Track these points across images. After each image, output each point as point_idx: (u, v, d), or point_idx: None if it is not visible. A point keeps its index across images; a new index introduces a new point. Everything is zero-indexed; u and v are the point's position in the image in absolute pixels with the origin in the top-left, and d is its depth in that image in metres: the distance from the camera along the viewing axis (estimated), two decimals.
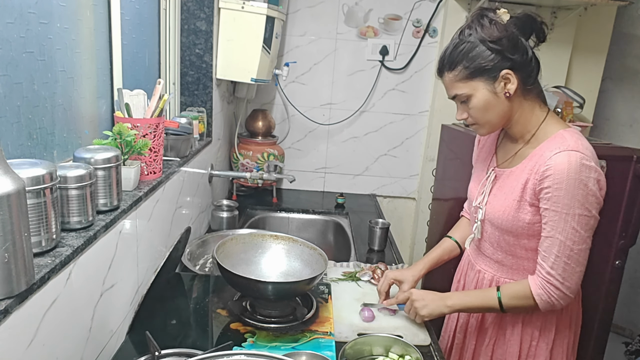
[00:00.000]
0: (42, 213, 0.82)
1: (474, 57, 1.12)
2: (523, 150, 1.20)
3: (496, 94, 1.13)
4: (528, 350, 1.26)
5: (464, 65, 1.13)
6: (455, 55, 1.14)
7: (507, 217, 1.17)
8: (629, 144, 2.29)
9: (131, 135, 1.21)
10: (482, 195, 1.26)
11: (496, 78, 1.12)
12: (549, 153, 1.10)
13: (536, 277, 1.14)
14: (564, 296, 1.12)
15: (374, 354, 1.16)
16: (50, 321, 0.84)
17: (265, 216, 2.42)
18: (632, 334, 2.84)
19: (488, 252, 1.28)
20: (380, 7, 2.58)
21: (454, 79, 1.15)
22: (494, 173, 1.26)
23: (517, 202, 1.16)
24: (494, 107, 1.15)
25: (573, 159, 1.06)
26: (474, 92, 1.14)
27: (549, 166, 1.08)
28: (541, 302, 1.13)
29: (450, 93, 1.19)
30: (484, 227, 1.26)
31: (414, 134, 2.77)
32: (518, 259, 1.22)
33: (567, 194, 1.06)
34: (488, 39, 1.10)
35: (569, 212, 1.07)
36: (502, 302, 1.18)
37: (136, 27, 1.58)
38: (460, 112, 1.21)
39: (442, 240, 1.51)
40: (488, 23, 1.12)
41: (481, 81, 1.13)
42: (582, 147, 1.08)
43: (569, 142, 1.09)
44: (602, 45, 2.60)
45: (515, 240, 1.20)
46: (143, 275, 1.32)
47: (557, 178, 1.06)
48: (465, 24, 1.15)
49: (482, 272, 1.31)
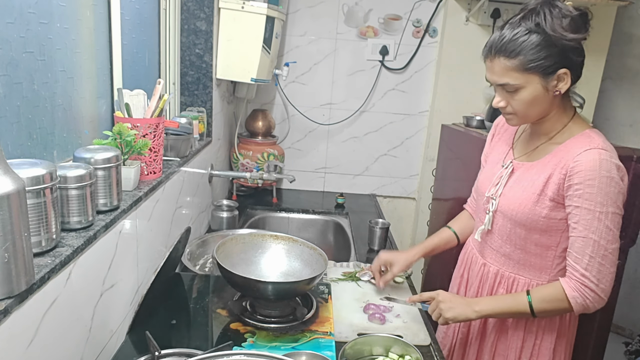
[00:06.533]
0: (42, 213, 0.82)
1: (540, 51, 1.05)
2: (545, 146, 1.19)
3: (547, 90, 1.10)
4: (532, 347, 1.25)
5: (527, 57, 1.06)
6: (519, 43, 1.06)
7: (524, 210, 1.16)
8: (629, 144, 2.29)
9: (131, 135, 1.21)
10: (497, 186, 1.24)
11: (552, 75, 1.08)
12: (577, 149, 1.08)
13: (569, 280, 1.11)
14: (598, 299, 1.09)
15: (374, 354, 1.16)
16: (50, 321, 0.84)
17: (265, 216, 2.42)
18: (632, 334, 2.84)
19: (496, 245, 1.27)
20: (380, 7, 2.58)
21: (509, 67, 1.08)
22: (511, 165, 1.23)
23: (537, 196, 1.14)
24: (540, 102, 1.11)
25: (604, 157, 1.05)
26: (527, 85, 1.09)
27: (578, 162, 1.07)
28: (576, 305, 1.10)
29: (500, 80, 1.11)
30: (495, 219, 1.24)
31: (414, 134, 2.77)
32: (526, 254, 1.21)
33: (600, 191, 1.05)
34: (560, 35, 1.04)
35: (603, 210, 1.05)
36: (532, 306, 1.14)
37: (136, 27, 1.58)
38: (499, 99, 1.15)
39: (441, 229, 1.50)
40: (559, 15, 1.04)
41: (538, 75, 1.08)
42: (610, 147, 1.08)
43: (597, 141, 1.09)
44: (602, 45, 2.60)
45: (526, 233, 1.18)
46: (143, 275, 1.32)
47: (589, 175, 1.05)
48: (530, 8, 1.07)
49: (487, 266, 1.30)
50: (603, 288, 1.08)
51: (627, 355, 2.56)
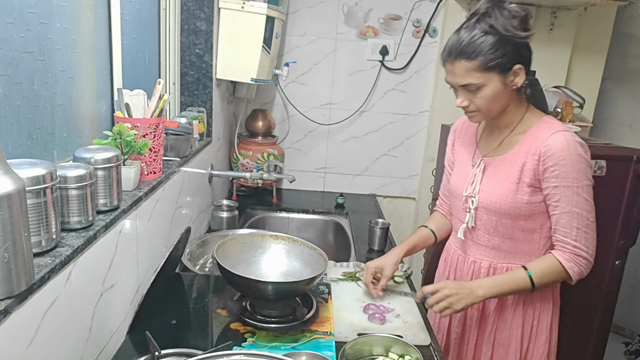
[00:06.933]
0: (42, 213, 0.82)
1: (497, 50, 1.12)
2: (510, 138, 1.26)
3: (506, 86, 1.17)
4: (530, 330, 1.30)
5: (486, 57, 1.13)
6: (477, 44, 1.13)
7: (506, 201, 1.22)
8: (629, 144, 2.29)
9: (131, 135, 1.21)
10: (474, 184, 1.29)
11: (509, 71, 1.15)
12: (543, 135, 1.17)
13: (562, 252, 1.19)
14: (589, 264, 1.19)
15: (374, 354, 1.16)
16: (50, 321, 0.84)
17: (265, 216, 2.42)
18: (632, 334, 2.85)
19: (483, 240, 1.31)
20: (380, 7, 2.58)
21: (470, 68, 1.15)
22: (483, 163, 1.29)
23: (516, 185, 1.21)
24: (501, 97, 1.19)
25: (569, 137, 1.15)
26: (488, 83, 1.16)
27: (548, 146, 1.15)
28: (573, 273, 1.19)
29: (462, 81, 1.18)
30: (478, 215, 1.29)
31: (414, 134, 2.77)
32: (515, 242, 1.27)
33: (574, 168, 1.14)
34: (513, 34, 1.12)
35: (579, 185, 1.15)
36: (533, 280, 1.21)
37: (136, 27, 1.58)
38: (462, 99, 1.21)
39: (419, 229, 1.54)
40: (509, 16, 1.12)
41: (497, 73, 1.15)
42: (567, 128, 1.19)
43: (557, 125, 1.19)
44: (602, 45, 2.60)
45: (512, 222, 1.24)
46: (143, 275, 1.32)
47: (561, 155, 1.14)
48: (481, 12, 1.14)
49: (477, 262, 1.33)
50: (592, 254, 1.19)
51: (627, 355, 2.56)
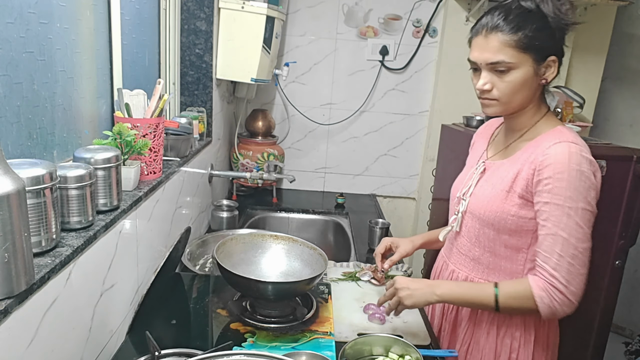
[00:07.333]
0: (42, 213, 0.82)
1: (540, 31, 1.02)
2: (516, 144, 1.15)
3: (536, 76, 1.06)
4: None
5: (526, 34, 1.01)
6: (522, 18, 1.02)
7: (492, 208, 1.11)
8: (629, 144, 2.28)
9: (131, 135, 1.21)
10: (468, 187, 1.20)
11: (544, 60, 1.05)
12: (546, 144, 1.04)
13: (538, 278, 1.04)
14: (567, 302, 1.02)
15: (374, 354, 1.16)
16: (50, 321, 0.84)
17: (265, 216, 2.43)
18: (632, 334, 2.85)
19: (464, 249, 1.22)
20: (380, 7, 2.59)
21: (507, 43, 1.03)
22: (483, 165, 1.20)
23: (506, 193, 1.09)
24: (527, 88, 1.07)
25: (573, 150, 1.01)
26: (520, 66, 1.04)
27: (547, 155, 1.02)
28: (542, 305, 1.03)
29: (493, 57, 1.04)
30: (464, 220, 1.20)
31: (414, 134, 2.77)
32: (496, 257, 1.15)
33: (570, 185, 1.00)
34: (560, 17, 1.02)
35: (572, 206, 1.00)
36: (498, 300, 1.07)
37: (136, 27, 1.58)
38: (485, 80, 1.07)
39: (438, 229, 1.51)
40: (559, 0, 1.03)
41: (532, 57, 1.04)
42: (580, 141, 1.04)
43: (567, 135, 1.05)
44: (602, 45, 2.60)
45: (495, 234, 1.13)
46: (143, 275, 1.32)
47: (558, 168, 1.00)
48: None
49: (455, 272, 1.25)
50: (573, 291, 1.01)
51: (627, 355, 2.56)
